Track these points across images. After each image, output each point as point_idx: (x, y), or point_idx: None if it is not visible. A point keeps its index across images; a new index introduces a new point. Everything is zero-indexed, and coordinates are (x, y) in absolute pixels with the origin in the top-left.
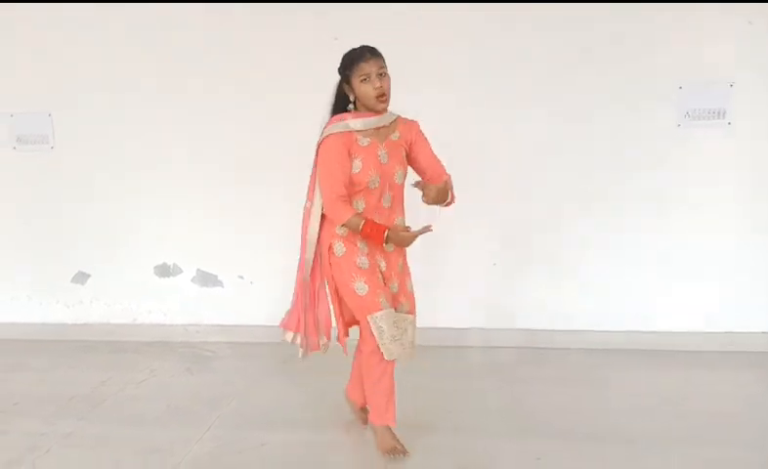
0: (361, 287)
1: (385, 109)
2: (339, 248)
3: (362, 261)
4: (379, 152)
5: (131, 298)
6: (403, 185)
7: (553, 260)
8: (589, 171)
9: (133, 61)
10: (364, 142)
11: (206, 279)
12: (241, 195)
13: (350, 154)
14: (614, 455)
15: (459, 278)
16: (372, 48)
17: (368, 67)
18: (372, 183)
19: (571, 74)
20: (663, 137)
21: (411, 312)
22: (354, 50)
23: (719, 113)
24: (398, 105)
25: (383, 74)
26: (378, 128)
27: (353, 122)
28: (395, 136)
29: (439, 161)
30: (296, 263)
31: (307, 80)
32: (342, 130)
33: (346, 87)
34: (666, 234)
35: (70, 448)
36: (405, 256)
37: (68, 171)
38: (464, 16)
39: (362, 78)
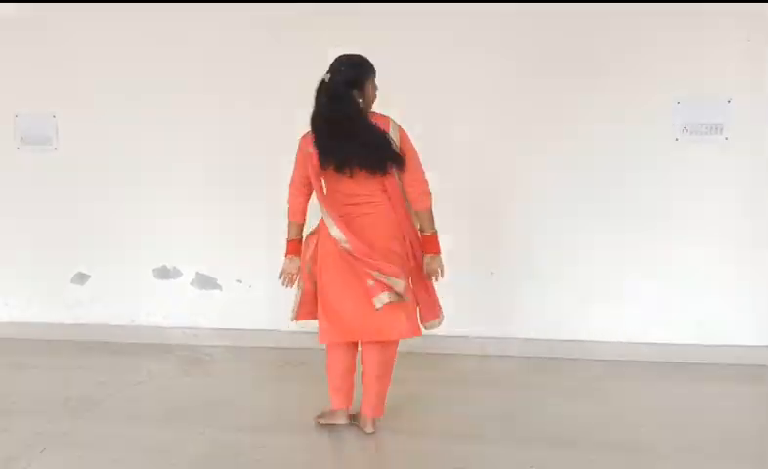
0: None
1: None
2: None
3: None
4: None
5: (130, 300)
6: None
7: (552, 271)
8: (589, 183)
9: (137, 62)
10: None
11: (205, 283)
12: (242, 199)
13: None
14: (610, 466)
15: (457, 287)
16: None
17: None
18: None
19: (571, 89)
20: (662, 151)
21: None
22: (366, 58)
23: (717, 128)
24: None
25: None
26: None
27: None
28: None
29: (418, 177)
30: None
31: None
32: None
33: (364, 86)
34: (666, 247)
35: (67, 448)
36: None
37: (70, 172)
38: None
39: (375, 85)
